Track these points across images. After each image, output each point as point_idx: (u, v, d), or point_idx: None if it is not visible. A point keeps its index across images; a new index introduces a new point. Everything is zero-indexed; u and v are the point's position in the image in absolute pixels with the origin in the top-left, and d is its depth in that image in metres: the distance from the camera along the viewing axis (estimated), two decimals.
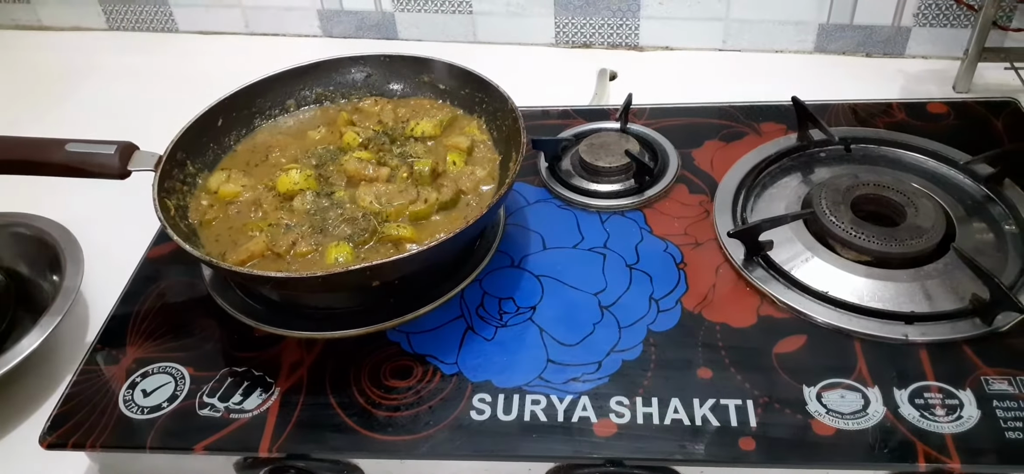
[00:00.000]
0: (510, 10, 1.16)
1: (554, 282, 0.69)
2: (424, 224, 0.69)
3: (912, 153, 0.79)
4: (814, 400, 0.57)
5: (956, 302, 0.63)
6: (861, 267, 0.66)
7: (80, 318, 0.80)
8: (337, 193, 0.72)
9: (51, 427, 0.61)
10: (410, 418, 0.59)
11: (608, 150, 0.80)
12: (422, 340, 0.65)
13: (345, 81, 0.85)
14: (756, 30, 1.10)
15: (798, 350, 0.61)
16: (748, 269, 0.67)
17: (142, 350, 0.66)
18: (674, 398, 0.58)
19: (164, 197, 0.68)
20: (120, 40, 1.32)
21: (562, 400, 0.59)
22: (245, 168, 0.77)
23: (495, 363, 0.62)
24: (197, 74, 1.20)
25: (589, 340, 0.64)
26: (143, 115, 1.10)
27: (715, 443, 0.55)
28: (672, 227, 0.74)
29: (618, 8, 1.12)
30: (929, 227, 0.68)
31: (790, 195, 0.75)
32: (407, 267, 0.62)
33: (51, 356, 0.75)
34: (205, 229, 0.70)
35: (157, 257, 0.76)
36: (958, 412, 0.55)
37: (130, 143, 0.71)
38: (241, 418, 0.60)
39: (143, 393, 0.63)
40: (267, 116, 0.83)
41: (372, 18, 1.22)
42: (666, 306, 0.66)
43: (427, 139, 0.78)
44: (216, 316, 0.69)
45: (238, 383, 0.63)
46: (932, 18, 1.04)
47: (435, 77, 0.83)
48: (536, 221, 0.76)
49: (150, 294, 0.72)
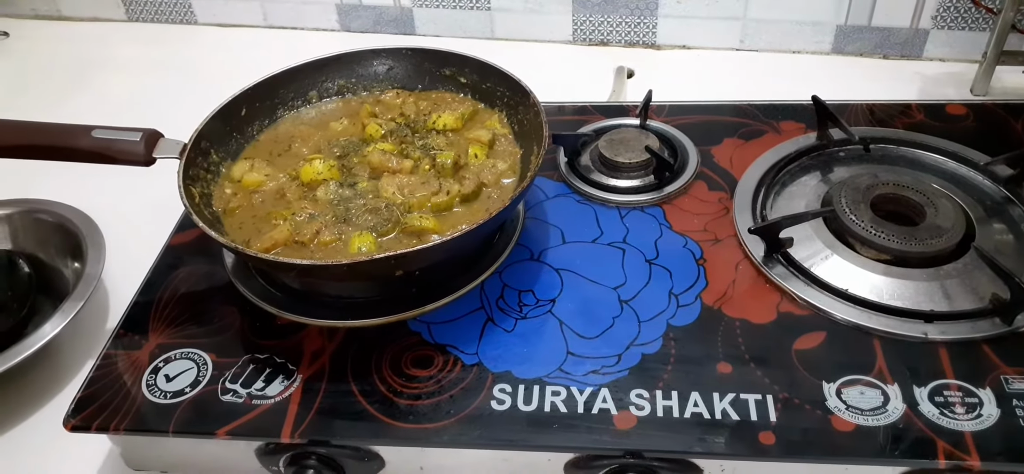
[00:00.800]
0: (528, 7, 1.16)
1: (573, 276, 0.69)
2: (446, 216, 0.70)
3: (931, 154, 0.79)
4: (834, 396, 0.57)
5: (976, 302, 0.63)
6: (880, 265, 0.66)
7: (100, 305, 0.80)
8: (360, 184, 0.72)
9: (75, 410, 0.61)
10: (431, 407, 0.59)
11: (628, 146, 0.80)
12: (443, 330, 0.65)
13: (367, 73, 0.85)
14: (774, 30, 1.10)
15: (817, 347, 0.61)
16: (768, 266, 0.68)
17: (164, 336, 0.67)
18: (694, 392, 0.59)
19: (189, 185, 0.69)
20: (139, 31, 1.33)
21: (582, 392, 0.59)
22: (268, 158, 0.77)
23: (515, 354, 0.63)
24: (215, 66, 1.20)
25: (608, 333, 0.64)
26: (161, 106, 1.11)
27: (735, 437, 0.56)
28: (691, 223, 0.74)
29: (636, 6, 1.12)
30: (949, 227, 0.68)
31: (809, 193, 0.75)
32: (431, 257, 0.62)
33: (71, 343, 0.76)
34: (228, 217, 0.71)
35: (178, 245, 0.76)
36: (978, 410, 0.56)
37: (155, 131, 0.72)
38: (263, 404, 0.60)
39: (166, 378, 0.63)
40: (290, 107, 0.83)
41: (390, 13, 1.22)
42: (686, 301, 0.66)
43: (449, 132, 0.78)
44: (237, 303, 0.69)
45: (260, 370, 0.63)
46: (950, 21, 1.04)
47: (457, 71, 0.83)
48: (555, 215, 0.76)
49: (172, 281, 0.72)
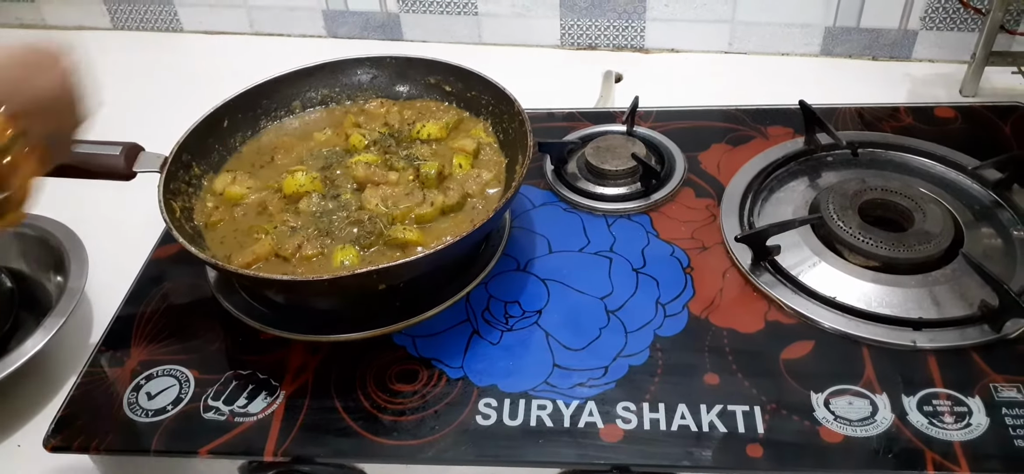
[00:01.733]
0: (515, 11, 1.16)
1: (560, 286, 0.69)
2: (430, 227, 0.69)
3: (919, 158, 0.79)
4: (822, 406, 0.57)
5: (965, 308, 0.63)
6: (869, 272, 0.66)
7: (83, 319, 0.79)
8: (343, 195, 0.72)
9: (55, 430, 0.60)
10: (415, 422, 0.59)
11: (614, 153, 0.79)
12: (428, 344, 0.64)
13: (351, 82, 0.84)
14: (762, 33, 1.10)
15: (805, 356, 0.61)
16: (755, 274, 0.67)
17: (146, 352, 0.66)
18: (681, 404, 0.58)
19: (169, 199, 0.68)
20: (124, 39, 1.32)
21: (568, 405, 0.59)
22: (251, 170, 0.76)
23: (501, 367, 0.62)
24: (201, 74, 1.20)
25: (595, 345, 0.63)
26: (147, 115, 1.09)
27: (722, 449, 0.55)
28: (679, 231, 0.73)
29: (624, 10, 1.12)
30: (937, 232, 0.67)
31: (797, 199, 0.74)
32: (414, 270, 0.62)
33: (54, 358, 0.75)
34: (210, 231, 0.70)
35: (162, 258, 0.75)
36: (967, 419, 0.55)
37: (135, 144, 0.71)
38: (246, 421, 0.60)
39: (147, 396, 0.62)
40: (273, 117, 0.82)
41: (377, 19, 1.21)
42: (673, 311, 0.65)
43: (433, 141, 0.78)
44: (221, 318, 0.68)
45: (243, 386, 0.62)
46: (939, 21, 1.04)
47: (441, 79, 0.83)
48: (542, 224, 0.76)
49: (155, 296, 0.71)
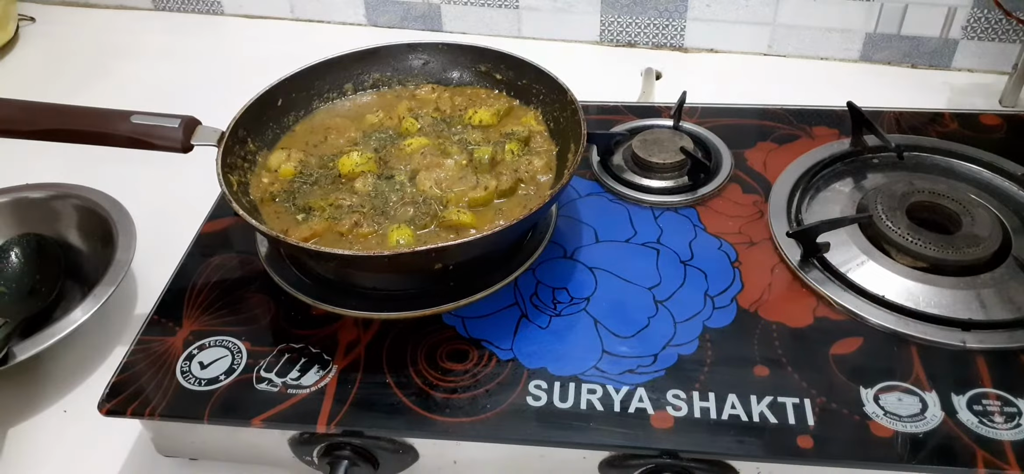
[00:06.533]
0: (556, 6, 1.16)
1: (607, 275, 0.69)
2: (483, 211, 0.69)
3: (965, 163, 0.79)
4: (871, 401, 0.57)
5: (1012, 312, 0.63)
6: (916, 272, 0.66)
7: (128, 291, 0.80)
8: (397, 177, 0.73)
9: (110, 394, 0.61)
10: (467, 401, 0.59)
11: (662, 146, 0.80)
12: (477, 325, 0.65)
13: (403, 67, 0.85)
14: (802, 36, 1.10)
15: (854, 352, 0.61)
16: (804, 270, 0.68)
17: (198, 323, 0.67)
18: (731, 394, 0.58)
19: (227, 172, 0.69)
20: (166, 20, 1.33)
21: (618, 390, 0.59)
22: (304, 148, 0.77)
23: (550, 351, 0.63)
24: (241, 58, 1.21)
25: (644, 333, 0.64)
26: (187, 96, 1.11)
27: (773, 440, 0.55)
28: (726, 225, 0.74)
29: (665, 8, 1.12)
30: (986, 236, 0.68)
31: (844, 199, 0.75)
32: (471, 251, 0.62)
33: (99, 328, 0.76)
34: (265, 206, 0.71)
35: (211, 232, 0.76)
36: (1017, 420, 0.56)
37: (193, 118, 0.71)
38: (298, 393, 0.61)
39: (200, 365, 0.63)
40: (325, 98, 0.83)
41: (418, 9, 1.22)
42: (721, 303, 0.66)
43: (485, 128, 0.78)
44: (271, 293, 0.69)
45: (295, 359, 0.63)
46: (981, 32, 1.04)
47: (492, 67, 0.83)
48: (588, 214, 0.76)
49: (205, 269, 0.72)
